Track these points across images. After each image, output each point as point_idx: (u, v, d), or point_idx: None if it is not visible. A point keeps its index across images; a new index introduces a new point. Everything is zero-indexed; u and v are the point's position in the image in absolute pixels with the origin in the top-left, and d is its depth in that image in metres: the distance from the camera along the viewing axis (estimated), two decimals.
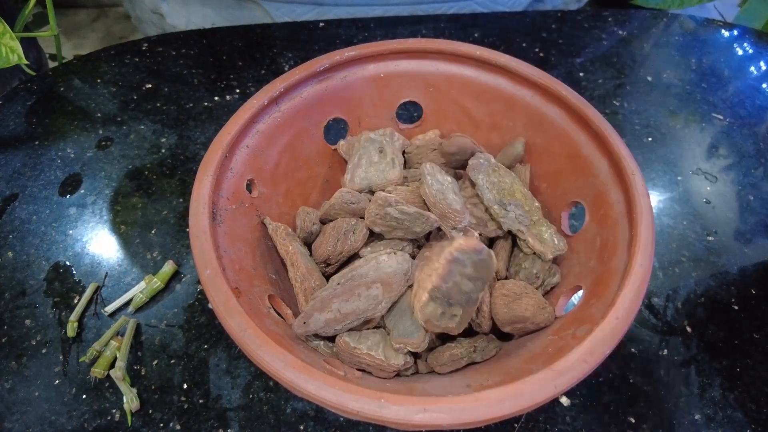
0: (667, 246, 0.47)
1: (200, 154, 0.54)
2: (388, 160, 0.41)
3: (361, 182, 0.40)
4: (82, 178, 0.51)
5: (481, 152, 0.40)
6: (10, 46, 0.50)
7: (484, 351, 0.34)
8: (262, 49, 0.65)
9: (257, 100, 0.38)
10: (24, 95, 0.59)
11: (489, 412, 0.24)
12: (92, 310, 0.42)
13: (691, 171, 0.54)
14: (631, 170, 0.33)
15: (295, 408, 0.37)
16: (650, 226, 0.30)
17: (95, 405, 0.37)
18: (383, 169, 0.41)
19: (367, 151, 0.42)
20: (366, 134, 0.43)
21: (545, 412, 0.37)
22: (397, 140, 0.44)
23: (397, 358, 0.32)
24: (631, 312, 0.27)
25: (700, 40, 0.69)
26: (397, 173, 0.41)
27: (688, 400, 0.38)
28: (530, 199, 0.38)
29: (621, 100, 0.61)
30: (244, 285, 0.31)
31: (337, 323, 0.32)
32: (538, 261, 0.37)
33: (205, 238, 0.30)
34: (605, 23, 0.71)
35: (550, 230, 0.37)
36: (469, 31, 0.69)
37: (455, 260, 0.30)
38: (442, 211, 0.35)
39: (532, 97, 0.41)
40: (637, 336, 0.41)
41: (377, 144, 0.42)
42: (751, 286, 0.45)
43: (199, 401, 0.37)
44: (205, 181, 0.33)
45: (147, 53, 0.65)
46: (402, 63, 0.43)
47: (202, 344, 0.40)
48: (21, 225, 0.48)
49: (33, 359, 0.39)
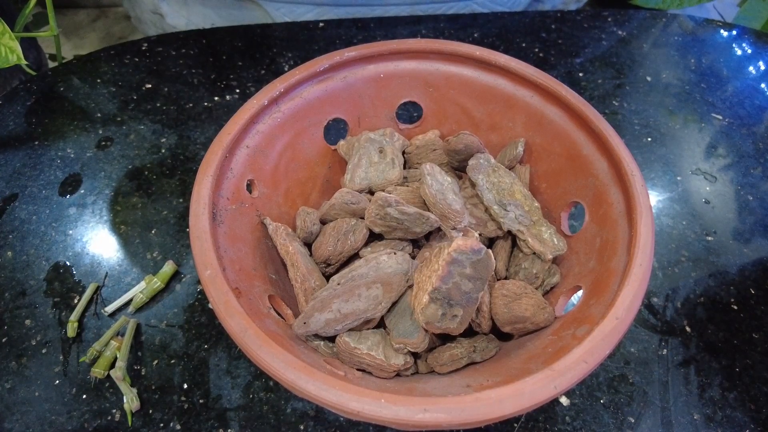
0: (666, 246, 0.47)
1: (200, 154, 0.54)
2: (388, 160, 0.42)
3: (361, 182, 0.41)
4: (82, 178, 0.51)
5: (483, 152, 0.40)
6: (10, 47, 0.50)
7: (484, 351, 0.34)
8: (261, 49, 0.65)
9: (257, 101, 0.38)
10: (24, 95, 0.59)
11: (489, 412, 0.24)
12: (92, 310, 0.42)
13: (690, 171, 0.54)
14: (631, 170, 0.33)
15: (295, 408, 0.37)
16: (650, 226, 0.31)
17: (95, 405, 0.37)
18: (383, 170, 0.41)
19: (367, 152, 0.42)
20: (366, 134, 0.43)
21: (545, 412, 0.37)
22: (397, 140, 0.44)
23: (397, 358, 0.32)
24: (631, 312, 0.27)
25: (700, 40, 0.70)
26: (397, 173, 0.41)
27: (688, 400, 0.38)
28: (530, 199, 0.38)
29: (620, 100, 0.61)
30: (244, 285, 0.31)
31: (337, 323, 0.32)
32: (537, 261, 0.37)
33: (205, 238, 0.30)
34: (605, 23, 0.71)
35: (549, 230, 0.37)
36: (469, 31, 0.69)
37: (454, 261, 0.30)
38: (442, 211, 0.35)
39: (531, 97, 0.41)
40: (637, 336, 0.41)
41: (377, 144, 0.42)
42: (751, 286, 0.45)
43: (200, 401, 0.37)
44: (205, 181, 0.33)
45: (147, 53, 0.65)
46: (402, 63, 0.43)
47: (202, 344, 0.40)
48: (21, 225, 0.48)
49: (33, 359, 0.39)
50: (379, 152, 0.42)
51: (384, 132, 0.44)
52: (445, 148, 0.40)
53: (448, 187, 0.37)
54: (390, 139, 0.43)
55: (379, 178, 0.41)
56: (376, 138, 0.43)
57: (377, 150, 0.42)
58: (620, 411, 0.38)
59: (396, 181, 0.40)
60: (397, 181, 0.40)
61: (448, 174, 0.40)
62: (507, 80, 0.42)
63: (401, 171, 0.41)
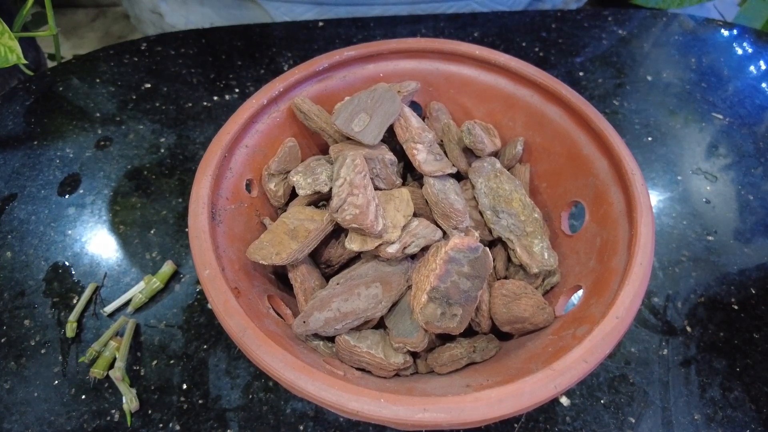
0: (667, 246, 0.47)
1: (199, 153, 0.54)
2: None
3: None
4: (81, 178, 0.51)
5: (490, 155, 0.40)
6: (9, 46, 0.49)
7: (484, 351, 0.34)
8: (261, 49, 0.65)
9: (256, 100, 0.38)
10: (23, 95, 0.59)
11: (489, 412, 0.24)
12: (91, 310, 0.42)
13: (690, 170, 0.54)
14: (631, 170, 0.33)
15: (295, 408, 0.37)
16: (650, 226, 0.30)
17: (94, 405, 0.37)
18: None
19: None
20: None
21: (545, 412, 0.37)
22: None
23: (396, 357, 0.32)
24: (631, 311, 0.27)
25: (700, 40, 0.69)
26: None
27: (689, 400, 0.38)
28: (529, 208, 0.37)
29: (621, 99, 0.61)
30: (243, 285, 0.31)
31: (337, 322, 0.32)
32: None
33: (204, 238, 0.30)
34: (605, 23, 0.71)
35: (542, 244, 0.36)
36: (469, 31, 0.69)
37: (451, 260, 0.30)
38: (444, 211, 0.35)
39: (531, 96, 0.41)
40: (638, 336, 0.41)
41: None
42: (751, 286, 0.45)
43: (199, 402, 0.37)
44: (204, 181, 0.33)
45: (146, 53, 0.65)
46: (401, 63, 0.43)
47: (202, 344, 0.40)
48: (20, 225, 0.48)
49: (32, 360, 0.39)
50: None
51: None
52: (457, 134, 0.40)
53: (450, 187, 0.37)
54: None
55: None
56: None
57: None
58: (621, 411, 0.38)
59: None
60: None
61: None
62: (507, 79, 0.42)
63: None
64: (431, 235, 0.34)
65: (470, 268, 0.30)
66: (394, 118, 0.37)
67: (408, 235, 0.33)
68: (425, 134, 0.38)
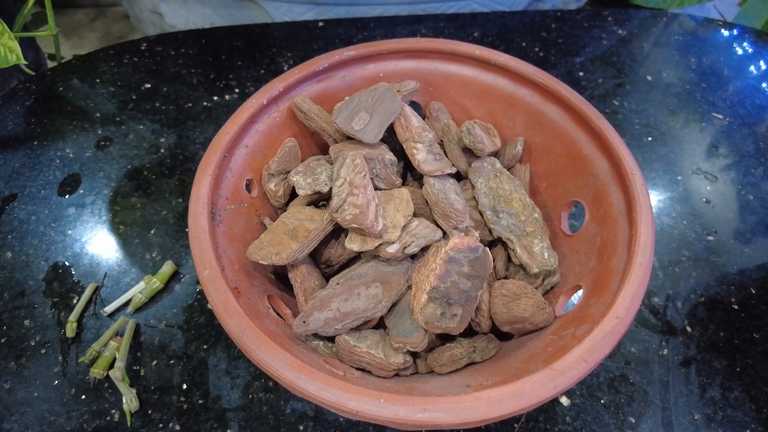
0: (667, 246, 0.47)
1: (199, 153, 0.54)
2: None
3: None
4: (81, 178, 0.51)
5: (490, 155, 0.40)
6: (9, 46, 0.49)
7: (484, 351, 0.34)
8: (261, 49, 0.65)
9: (256, 100, 0.38)
10: (23, 95, 0.59)
11: (489, 412, 0.24)
12: (91, 310, 0.42)
13: (691, 170, 0.54)
14: (631, 170, 0.33)
15: (295, 408, 0.37)
16: (650, 226, 0.30)
17: (94, 405, 0.37)
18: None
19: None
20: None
21: (545, 412, 0.37)
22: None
23: (396, 357, 0.32)
24: (631, 311, 0.27)
25: (700, 40, 0.69)
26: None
27: (689, 400, 0.38)
28: (529, 208, 0.37)
29: (621, 99, 0.61)
30: (243, 285, 0.31)
31: (337, 322, 0.32)
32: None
33: (204, 238, 0.30)
34: (605, 23, 0.71)
35: (542, 244, 0.36)
36: (469, 31, 0.69)
37: (451, 260, 0.30)
38: (444, 210, 0.35)
39: (531, 96, 0.41)
40: (638, 336, 0.41)
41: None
42: (751, 286, 0.45)
43: (199, 402, 0.37)
44: (204, 181, 0.33)
45: (146, 53, 0.65)
46: (401, 62, 0.43)
47: (202, 344, 0.40)
48: (20, 225, 0.48)
49: (32, 360, 0.39)
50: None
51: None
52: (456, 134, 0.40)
53: (450, 187, 0.37)
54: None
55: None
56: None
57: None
58: (621, 411, 0.37)
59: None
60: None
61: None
62: (507, 79, 0.42)
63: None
64: (431, 235, 0.34)
65: (470, 268, 0.30)
66: (394, 116, 0.37)
67: (408, 235, 0.33)
68: (425, 134, 0.38)
